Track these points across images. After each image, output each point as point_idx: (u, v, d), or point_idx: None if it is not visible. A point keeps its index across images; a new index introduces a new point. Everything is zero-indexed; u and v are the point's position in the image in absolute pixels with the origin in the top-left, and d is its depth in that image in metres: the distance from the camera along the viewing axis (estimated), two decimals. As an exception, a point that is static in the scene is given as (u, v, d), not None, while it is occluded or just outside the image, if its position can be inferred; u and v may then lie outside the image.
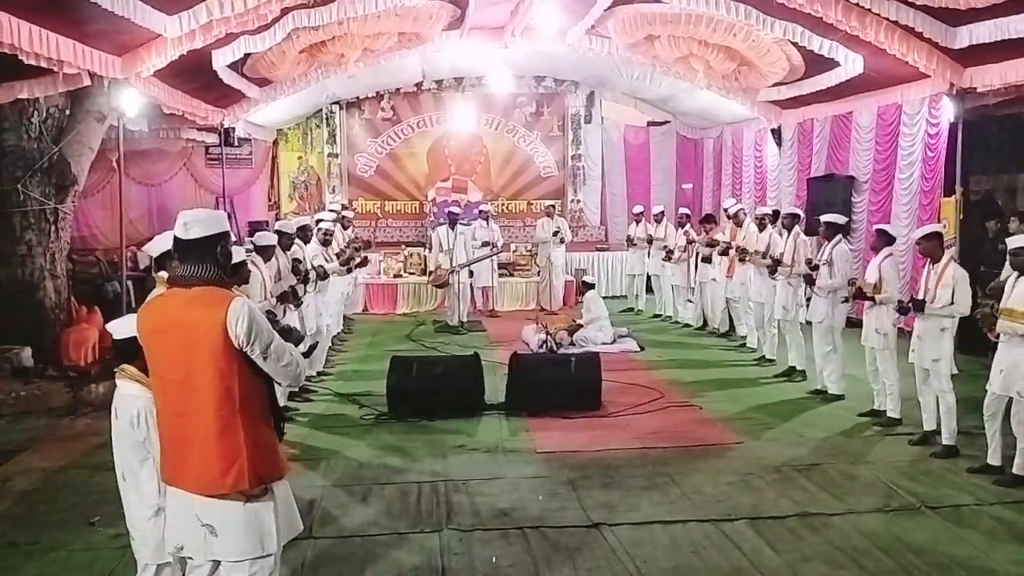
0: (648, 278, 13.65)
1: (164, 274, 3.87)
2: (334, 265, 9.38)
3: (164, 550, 3.24)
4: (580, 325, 10.62)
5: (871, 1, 7.95)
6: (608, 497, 5.55)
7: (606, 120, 17.31)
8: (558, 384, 7.68)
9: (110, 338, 3.61)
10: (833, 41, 9.39)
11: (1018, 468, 5.64)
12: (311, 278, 8.19)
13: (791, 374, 8.88)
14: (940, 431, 6.40)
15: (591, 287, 11.10)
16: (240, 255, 5.90)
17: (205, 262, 2.96)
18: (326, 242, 9.55)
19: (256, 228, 12.29)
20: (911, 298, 6.62)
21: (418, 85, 16.41)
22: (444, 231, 12.41)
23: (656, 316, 13.19)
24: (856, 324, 9.05)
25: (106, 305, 10.50)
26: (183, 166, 15.42)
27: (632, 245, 13.63)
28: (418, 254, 14.68)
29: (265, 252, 7.13)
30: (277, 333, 3.04)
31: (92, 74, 8.00)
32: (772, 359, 9.48)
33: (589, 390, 7.73)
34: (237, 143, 14.16)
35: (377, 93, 16.43)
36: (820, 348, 8.05)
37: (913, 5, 7.88)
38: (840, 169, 12.19)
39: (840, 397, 7.93)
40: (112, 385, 3.61)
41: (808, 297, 8.31)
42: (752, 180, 14.86)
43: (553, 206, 15.06)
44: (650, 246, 13.05)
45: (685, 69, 11.84)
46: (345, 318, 11.75)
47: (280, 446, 3.10)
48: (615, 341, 10.69)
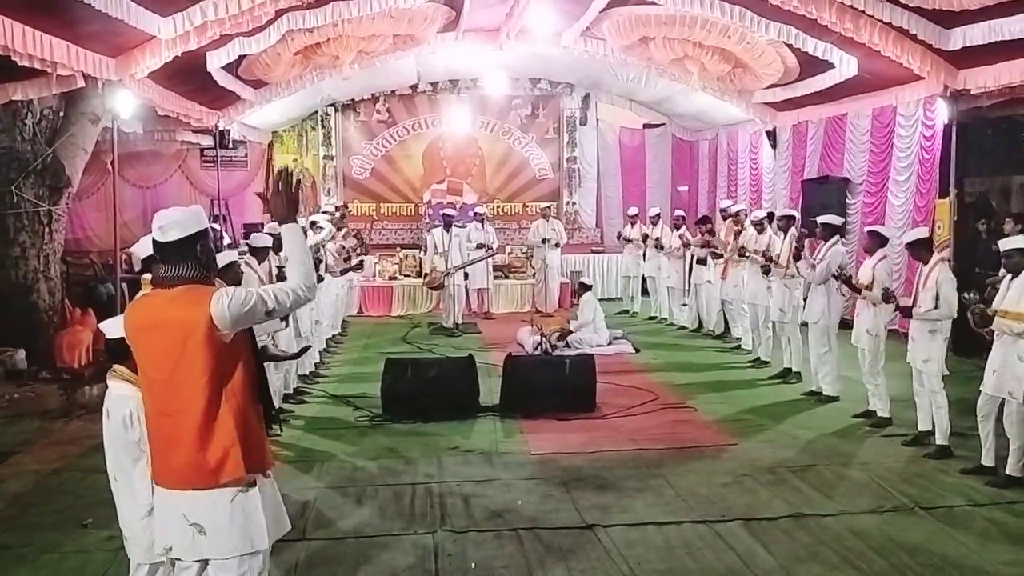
0: (644, 280, 13.67)
1: (149, 276, 3.86)
2: (330, 243, 9.38)
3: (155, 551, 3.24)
4: (571, 330, 10.59)
5: (865, 3, 7.99)
6: (602, 498, 5.54)
7: (601, 122, 17.31)
8: (552, 386, 7.67)
9: (103, 340, 3.61)
10: (827, 43, 9.42)
11: (1011, 469, 5.66)
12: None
13: (786, 376, 8.89)
14: (934, 432, 6.42)
15: (588, 289, 11.10)
16: (232, 256, 5.93)
17: (186, 262, 2.95)
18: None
19: (251, 230, 12.29)
20: (897, 304, 6.61)
21: (413, 87, 16.41)
22: (439, 233, 12.42)
23: (651, 318, 13.21)
24: (850, 326, 9.09)
25: (100, 307, 10.48)
26: (178, 168, 15.38)
27: (628, 242, 13.64)
28: (413, 256, 14.69)
29: (259, 253, 7.14)
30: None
31: (86, 76, 8.01)
32: (767, 361, 9.49)
33: (584, 392, 7.73)
34: (232, 145, 14.15)
35: (372, 95, 16.42)
36: (815, 349, 8.06)
37: (907, 7, 7.91)
38: (835, 171, 12.22)
39: (835, 398, 7.94)
40: (105, 387, 3.61)
41: (805, 297, 8.32)
42: (747, 182, 14.90)
43: (548, 208, 15.06)
44: (645, 244, 13.06)
45: (680, 71, 11.87)
46: (341, 320, 11.76)
47: (266, 440, 3.10)
48: (610, 343, 10.70)
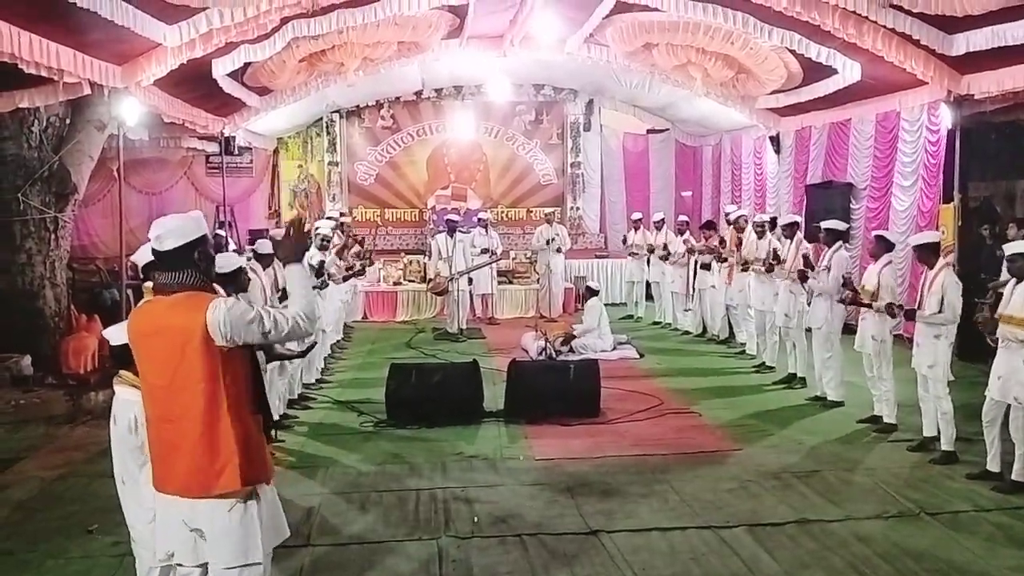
0: (647, 285, 13.66)
1: (150, 284, 3.88)
2: (332, 259, 9.43)
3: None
4: (574, 335, 10.58)
5: (868, 8, 7.96)
6: (606, 504, 5.54)
7: (605, 128, 17.33)
8: (557, 391, 7.68)
9: (109, 346, 3.63)
10: (831, 49, 9.42)
11: (1017, 474, 5.64)
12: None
13: (791, 381, 8.87)
14: (939, 437, 6.40)
15: (595, 294, 11.03)
16: (239, 262, 5.94)
17: (185, 269, 2.98)
18: (323, 247, 9.58)
19: (257, 236, 12.32)
20: (901, 306, 6.62)
21: (417, 94, 16.45)
22: (443, 239, 12.44)
23: (655, 323, 13.20)
24: (855, 331, 9.08)
25: (105, 313, 10.51)
26: (183, 175, 15.47)
27: (631, 253, 13.63)
28: (418, 262, 14.70)
29: (264, 260, 7.16)
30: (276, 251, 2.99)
31: (92, 83, 8.03)
32: (772, 366, 9.47)
33: (588, 397, 7.73)
34: (237, 152, 14.22)
35: (377, 102, 16.46)
36: (819, 354, 8.04)
37: (910, 13, 7.89)
38: (838, 176, 12.20)
39: (839, 403, 7.92)
40: (112, 393, 3.63)
41: (808, 302, 8.29)
42: (751, 187, 14.89)
43: (552, 213, 15.05)
44: (651, 255, 13.07)
45: (683, 77, 11.87)
46: (344, 326, 11.77)
47: (266, 448, 3.10)
48: (614, 348, 10.69)
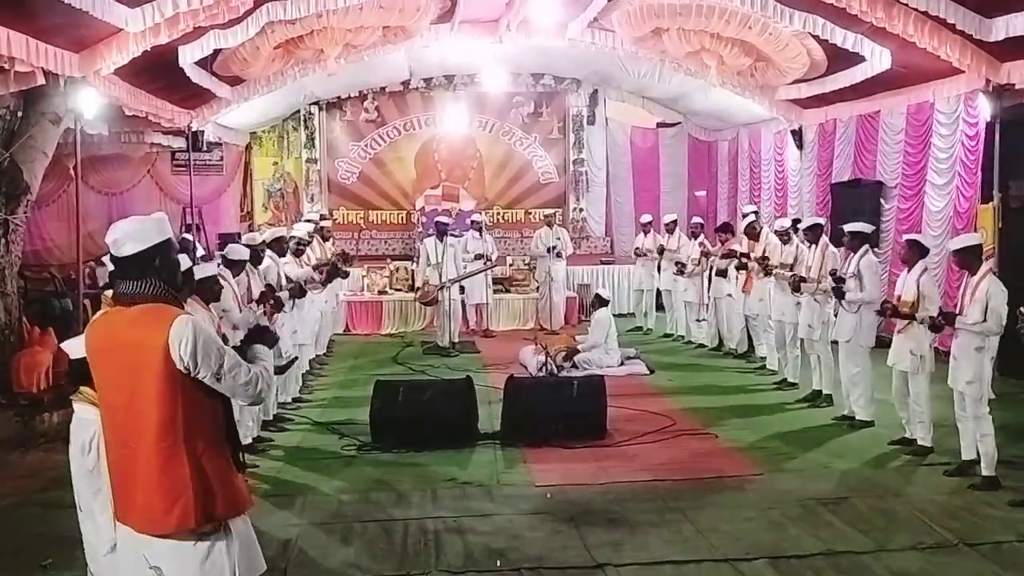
0: (658, 294, 13.68)
1: (110, 292, 3.85)
2: (307, 271, 9.45)
3: None
4: (577, 349, 10.60)
5: (898, -10, 8.04)
6: (614, 535, 5.53)
7: (611, 121, 17.39)
8: (559, 411, 7.67)
9: (65, 362, 3.61)
10: (858, 34, 9.47)
11: (1065, 501, 5.65)
12: (284, 300, 8.15)
13: (815, 399, 8.88)
14: (979, 461, 6.40)
15: (604, 304, 11.00)
16: (211, 270, 5.94)
17: (145, 278, 2.94)
18: (299, 253, 9.62)
19: (227, 240, 12.31)
20: (940, 311, 6.61)
21: (405, 84, 16.50)
22: (432, 243, 12.43)
23: (667, 336, 13.22)
24: (887, 344, 9.05)
25: (60, 326, 10.48)
26: (147, 173, 15.42)
27: (640, 257, 13.64)
28: (405, 268, 14.72)
29: (235, 266, 7.15)
30: (245, 336, 2.99)
31: (47, 72, 8.04)
32: (795, 382, 9.49)
33: (593, 417, 7.72)
34: (206, 148, 14.20)
35: (360, 93, 16.50)
36: (847, 370, 8.06)
37: (944, -6, 7.96)
38: (867, 174, 12.25)
39: (869, 424, 7.93)
40: (67, 414, 3.61)
41: (835, 313, 8.30)
42: (771, 186, 14.94)
43: (553, 215, 15.08)
44: (661, 257, 13.09)
45: (696, 65, 11.93)
46: (326, 339, 11.75)
47: (240, 479, 3.08)
48: (622, 363, 10.70)
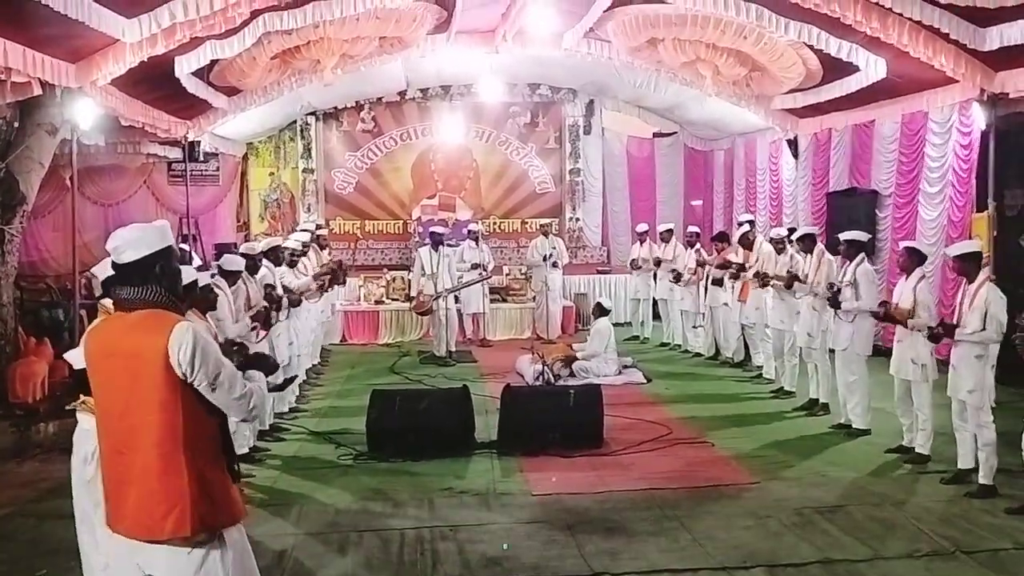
0: (654, 303, 13.70)
1: (108, 301, 3.84)
2: (306, 280, 9.47)
3: None
4: (575, 357, 10.61)
5: (893, 0, 8.05)
6: (611, 543, 5.53)
7: (607, 131, 17.43)
8: (555, 420, 7.67)
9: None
10: (853, 44, 9.50)
11: (1062, 509, 5.65)
12: (283, 304, 8.19)
13: (812, 407, 8.89)
14: (976, 469, 6.40)
15: (605, 313, 11.02)
16: (205, 278, 5.93)
17: (146, 284, 2.96)
18: (292, 263, 9.66)
19: (223, 250, 12.31)
20: (940, 322, 6.63)
21: (401, 94, 16.53)
22: (426, 253, 12.44)
23: (664, 345, 13.23)
24: (883, 353, 9.06)
25: (56, 336, 10.47)
26: (143, 184, 15.39)
27: (637, 268, 13.67)
28: (402, 278, 14.70)
29: (231, 277, 7.15)
30: (244, 359, 3.00)
31: (43, 83, 8.04)
32: (791, 391, 9.50)
33: (590, 426, 7.72)
34: (203, 158, 14.20)
35: (357, 103, 16.53)
36: (844, 378, 8.07)
37: (938, 4, 7.99)
38: (862, 183, 12.28)
39: (866, 432, 7.93)
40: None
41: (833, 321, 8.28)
42: (767, 195, 14.97)
43: (549, 225, 15.09)
44: (657, 268, 13.13)
45: (692, 75, 11.96)
46: (321, 349, 11.75)
47: (235, 488, 3.08)
48: (619, 372, 10.71)
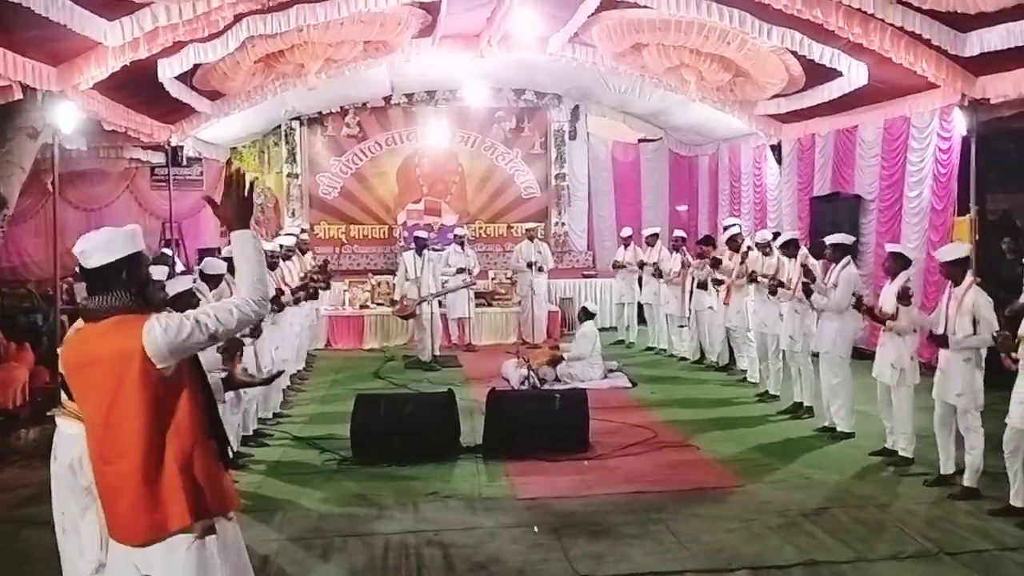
0: (640, 307, 13.72)
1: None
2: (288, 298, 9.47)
3: None
4: (562, 357, 10.63)
5: (875, 6, 8.11)
6: (596, 547, 5.53)
7: (592, 136, 17.45)
8: (541, 424, 7.66)
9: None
10: (835, 49, 9.57)
11: (1043, 509, 5.68)
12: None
13: (797, 411, 8.92)
14: (959, 473, 6.43)
15: (590, 317, 11.06)
16: (185, 284, 5.92)
17: (114, 290, 2.91)
18: (287, 257, 9.72)
19: (207, 255, 12.25)
20: (930, 334, 6.65)
21: (386, 99, 16.49)
22: (411, 257, 12.44)
23: (649, 349, 13.26)
24: (866, 356, 9.11)
25: (36, 341, 10.38)
26: (126, 188, 15.34)
27: (620, 269, 13.69)
28: (387, 283, 14.64)
29: (212, 281, 7.12)
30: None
31: (24, 86, 7.99)
32: (776, 395, 9.52)
33: (575, 430, 7.72)
34: (186, 163, 14.14)
35: (341, 108, 16.48)
36: (827, 381, 8.10)
37: (919, 10, 8.05)
38: (846, 187, 12.35)
39: (850, 435, 7.97)
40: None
41: (816, 324, 8.31)
42: (751, 200, 15.03)
43: (535, 230, 15.07)
44: (641, 271, 13.15)
45: (676, 80, 11.99)
46: (306, 354, 11.70)
47: (227, 477, 3.06)
48: (605, 376, 10.72)
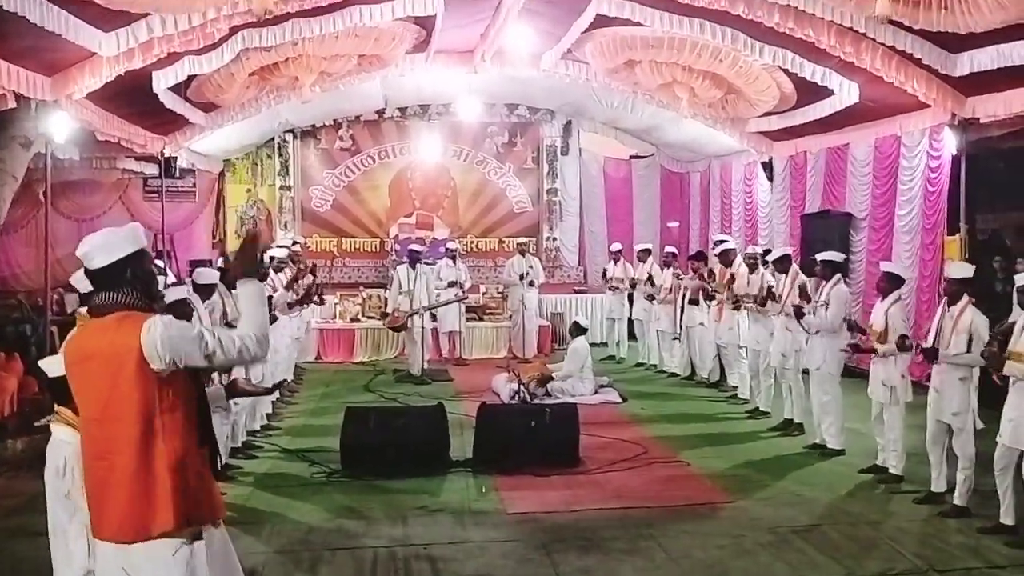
0: (630, 323, 13.73)
1: (84, 310, 3.85)
2: (281, 293, 9.46)
3: None
4: (551, 376, 10.60)
5: (866, 25, 8.17)
6: (585, 562, 5.51)
7: (584, 152, 17.50)
8: (531, 438, 7.65)
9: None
10: (827, 68, 9.64)
11: (1033, 528, 5.68)
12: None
13: (787, 427, 8.91)
14: (949, 491, 6.43)
15: (582, 332, 11.05)
16: (181, 293, 5.90)
17: (119, 289, 2.99)
18: (279, 268, 9.72)
19: (198, 267, 12.22)
20: (918, 345, 6.66)
21: (379, 112, 16.52)
22: (404, 270, 12.46)
23: (639, 364, 13.26)
24: (856, 374, 9.15)
25: (25, 351, 10.31)
26: (118, 199, 15.30)
27: (612, 289, 13.73)
28: (378, 296, 14.65)
29: (204, 291, 7.09)
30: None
31: (18, 95, 7.98)
32: (767, 411, 9.52)
33: (565, 445, 7.71)
34: (179, 174, 14.10)
35: (335, 121, 16.50)
36: (817, 398, 8.11)
37: (910, 30, 8.11)
38: (836, 205, 12.41)
39: (840, 452, 7.97)
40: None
41: (807, 341, 8.33)
42: (742, 217, 15.09)
43: (527, 244, 15.10)
44: (633, 289, 13.18)
45: (668, 97, 12.04)
46: (295, 367, 11.66)
47: (216, 485, 3.06)
48: (595, 392, 10.70)
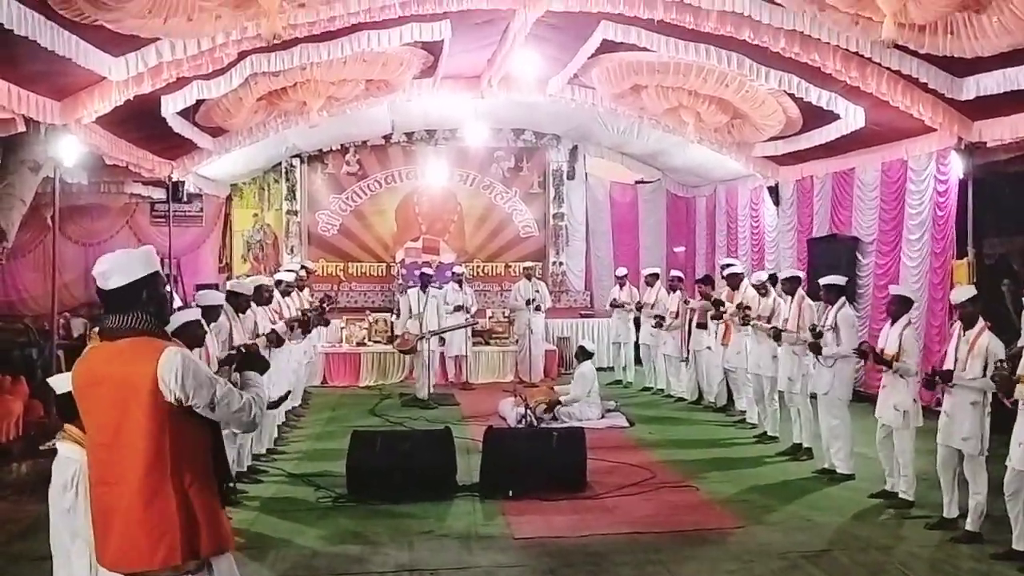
0: (636, 347, 13.69)
1: (98, 330, 3.83)
2: (280, 325, 9.44)
3: None
4: (559, 401, 10.55)
5: (872, 50, 8.19)
6: (594, 588, 5.45)
7: (590, 176, 17.55)
8: (538, 462, 7.61)
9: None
10: (832, 92, 9.66)
11: (1046, 554, 5.61)
12: (262, 345, 8.13)
13: (796, 452, 8.86)
14: (961, 516, 6.37)
15: (588, 357, 11.02)
16: (193, 315, 5.89)
17: (133, 311, 2.96)
18: (286, 293, 9.82)
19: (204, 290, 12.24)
20: (934, 369, 6.61)
21: (387, 137, 16.60)
22: (415, 294, 12.49)
23: (646, 389, 13.20)
24: (865, 398, 9.08)
25: (31, 376, 10.31)
26: (125, 224, 15.35)
27: (616, 308, 13.71)
28: (384, 320, 14.62)
29: (209, 313, 7.06)
30: (240, 359, 2.99)
31: (28, 119, 8.02)
32: (775, 436, 9.46)
33: (573, 469, 7.67)
34: (186, 199, 14.18)
35: (342, 146, 16.57)
36: (826, 422, 8.05)
37: (916, 54, 8.12)
38: (843, 229, 12.39)
39: (850, 477, 7.91)
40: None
41: (813, 366, 8.31)
42: (748, 241, 15.07)
43: (533, 268, 15.08)
44: (639, 313, 13.15)
45: (674, 122, 12.08)
46: (302, 391, 11.63)
47: (225, 517, 3.02)
48: (602, 416, 10.66)
